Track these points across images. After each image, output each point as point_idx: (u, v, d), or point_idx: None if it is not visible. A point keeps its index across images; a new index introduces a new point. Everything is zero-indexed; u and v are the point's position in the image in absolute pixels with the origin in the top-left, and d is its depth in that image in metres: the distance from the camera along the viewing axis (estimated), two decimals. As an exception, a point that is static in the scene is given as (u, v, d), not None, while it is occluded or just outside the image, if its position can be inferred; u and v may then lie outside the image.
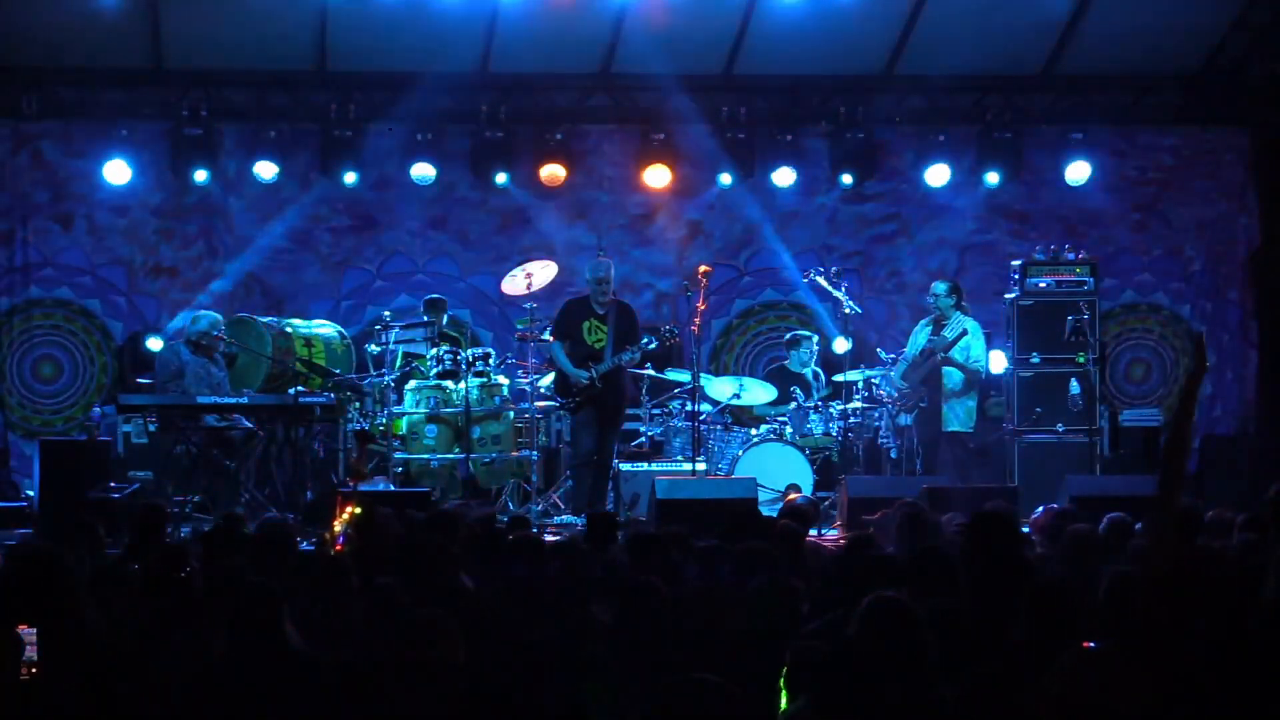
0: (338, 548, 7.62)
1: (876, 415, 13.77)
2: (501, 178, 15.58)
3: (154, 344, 14.93)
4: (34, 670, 5.27)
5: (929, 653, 4.93)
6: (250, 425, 12.53)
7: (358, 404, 13.65)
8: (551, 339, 13.10)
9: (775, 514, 9.98)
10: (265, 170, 15.24)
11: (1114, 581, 5.52)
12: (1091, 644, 4.80)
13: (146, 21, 14.57)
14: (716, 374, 15.03)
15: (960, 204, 16.10)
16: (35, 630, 5.41)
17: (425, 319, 13.92)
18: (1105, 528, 8.46)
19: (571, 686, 5.44)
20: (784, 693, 5.40)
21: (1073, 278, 14.19)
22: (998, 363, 14.18)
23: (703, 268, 13.60)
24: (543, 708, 4.87)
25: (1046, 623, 5.51)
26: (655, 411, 14.07)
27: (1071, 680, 4.54)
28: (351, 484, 7.71)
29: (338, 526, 7.84)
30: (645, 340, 13.00)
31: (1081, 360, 13.90)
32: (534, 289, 13.76)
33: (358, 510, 7.69)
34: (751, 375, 15.23)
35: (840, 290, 13.87)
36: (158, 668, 5.65)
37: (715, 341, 16.19)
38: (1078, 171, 15.78)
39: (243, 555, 7.18)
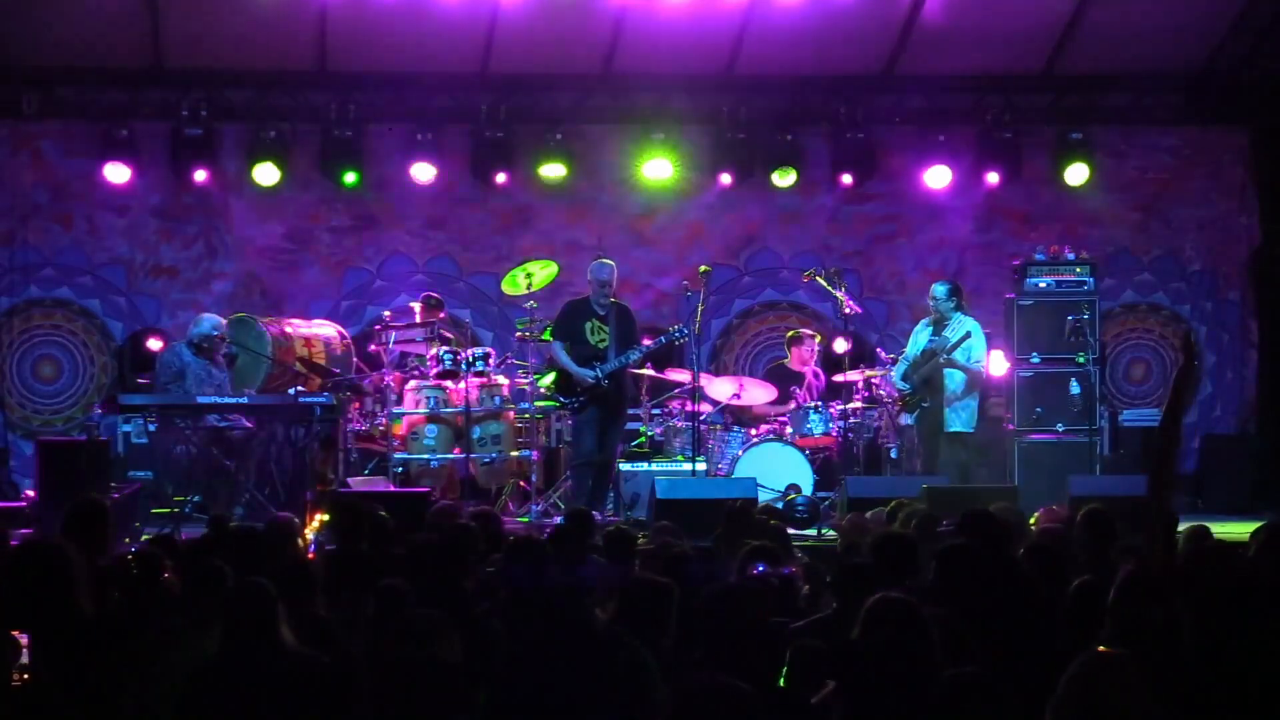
0: (310, 556, 7.61)
1: (876, 415, 13.77)
2: (501, 178, 15.57)
3: (155, 344, 14.94)
4: (26, 676, 5.26)
5: (935, 654, 4.92)
6: (250, 425, 12.53)
7: (358, 404, 13.67)
8: (552, 339, 13.11)
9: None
10: (265, 170, 15.22)
11: (1124, 582, 5.50)
12: (1105, 647, 4.80)
13: (146, 21, 14.56)
14: (716, 374, 15.02)
15: (960, 204, 16.09)
16: (29, 635, 5.40)
17: (421, 318, 13.91)
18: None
19: (572, 687, 5.44)
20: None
21: (1073, 278, 14.19)
22: (998, 365, 14.16)
23: (703, 268, 13.62)
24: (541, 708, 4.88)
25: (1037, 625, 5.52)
26: (655, 411, 14.07)
27: (1088, 683, 4.54)
28: (319, 490, 7.73)
29: (309, 533, 7.83)
30: (653, 342, 13.05)
31: (1081, 360, 13.89)
32: (534, 289, 13.77)
33: (327, 517, 7.68)
34: (751, 375, 15.24)
35: (840, 290, 13.86)
36: (153, 668, 5.65)
37: (715, 341, 16.18)
38: (1077, 171, 15.78)
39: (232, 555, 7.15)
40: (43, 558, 6.03)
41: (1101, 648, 4.75)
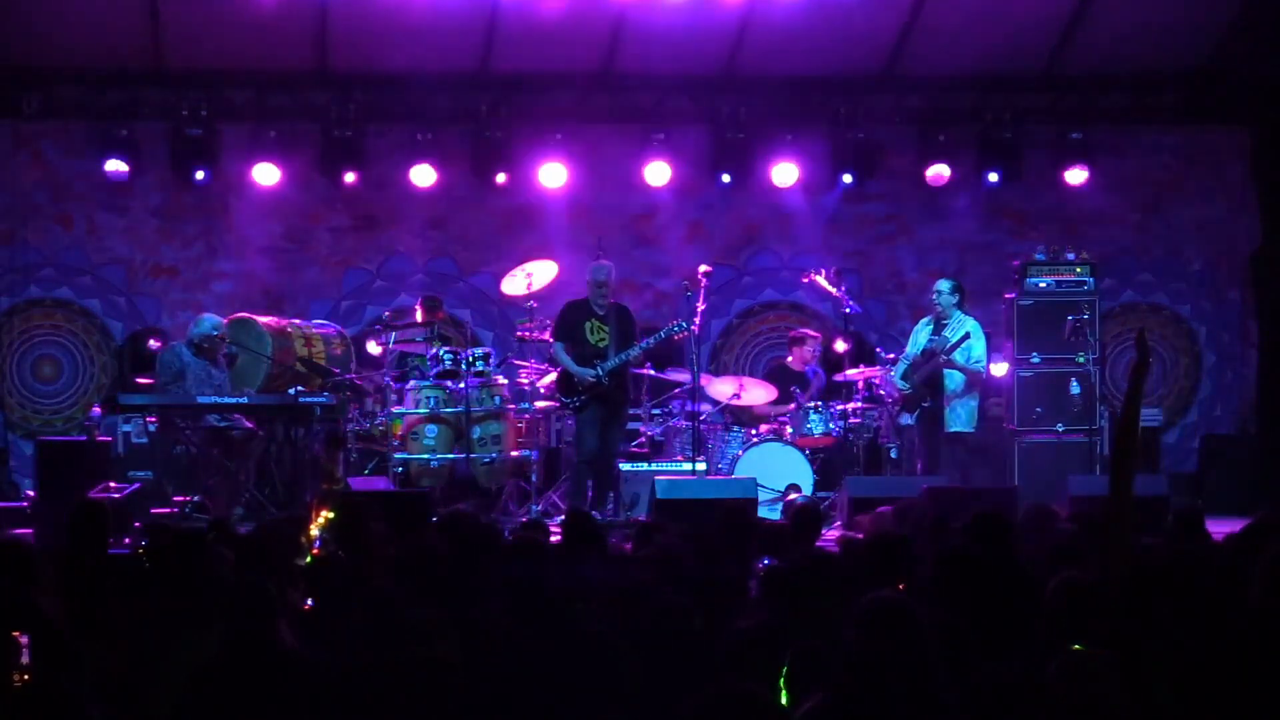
0: (315, 551, 7.64)
1: (876, 415, 13.77)
2: (501, 178, 15.58)
3: (155, 344, 14.95)
4: (26, 676, 5.26)
5: (930, 656, 4.90)
6: (250, 425, 12.53)
7: (357, 404, 13.67)
8: (552, 339, 13.11)
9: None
10: (265, 170, 15.23)
11: (1061, 587, 5.52)
12: (1080, 647, 4.80)
13: (146, 21, 14.57)
14: (716, 374, 15.02)
15: (960, 204, 16.09)
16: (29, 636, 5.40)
17: (421, 319, 13.90)
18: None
19: (568, 691, 5.43)
20: (784, 693, 5.39)
21: (1073, 278, 14.18)
22: (999, 365, 14.15)
23: (703, 268, 13.61)
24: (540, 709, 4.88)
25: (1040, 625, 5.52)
26: (655, 411, 14.06)
27: (1065, 683, 4.54)
28: (325, 488, 7.74)
29: (314, 530, 7.86)
30: (652, 339, 13.04)
31: (1081, 360, 13.89)
32: (534, 289, 13.76)
33: (331, 515, 7.71)
34: (751, 375, 15.24)
35: (840, 290, 13.87)
36: (153, 668, 5.65)
37: (715, 341, 16.19)
38: (1078, 171, 15.79)
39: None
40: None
41: (1077, 647, 4.75)
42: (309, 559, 7.51)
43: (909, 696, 4.76)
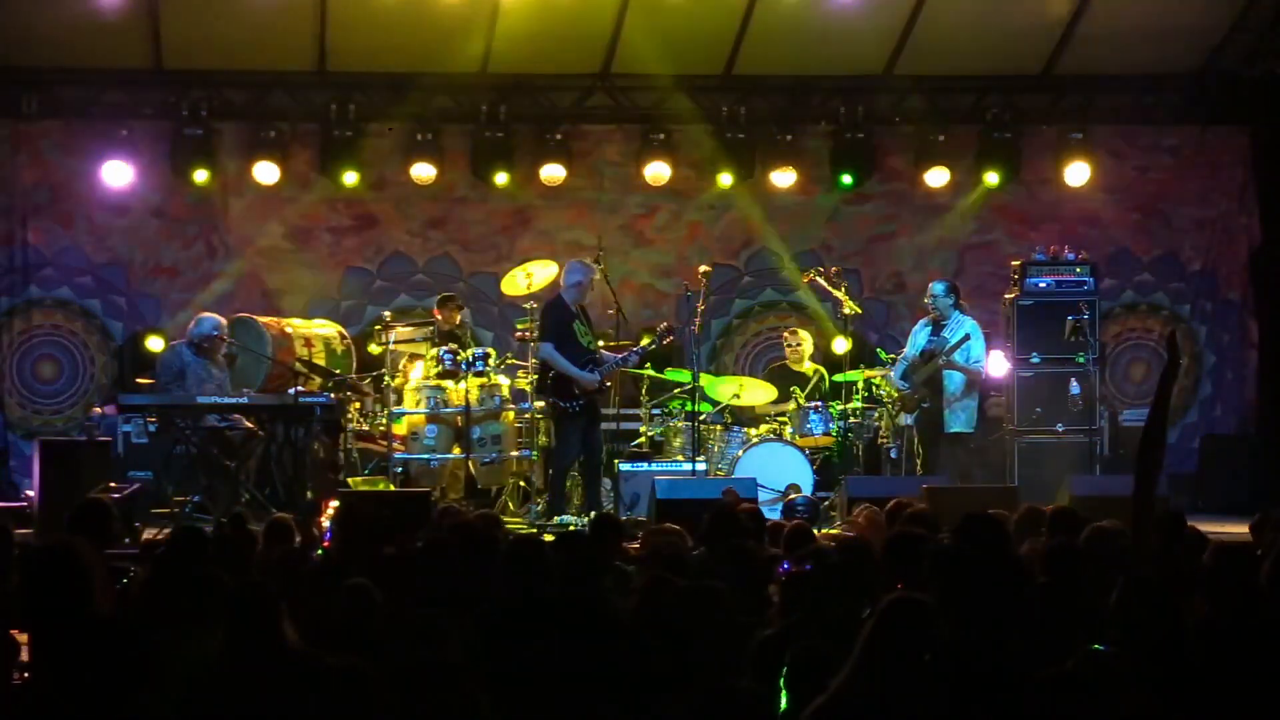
0: (325, 544, 7.65)
1: (876, 415, 13.77)
2: (501, 178, 15.57)
3: (155, 344, 14.95)
4: (26, 675, 5.26)
5: (945, 654, 4.90)
6: (250, 425, 12.53)
7: (358, 404, 13.67)
8: (540, 340, 12.92)
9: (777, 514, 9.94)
10: (265, 170, 15.23)
11: (1128, 585, 5.51)
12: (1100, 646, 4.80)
13: (146, 21, 14.57)
14: (716, 374, 15.01)
15: (960, 204, 16.10)
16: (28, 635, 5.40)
17: (437, 317, 13.87)
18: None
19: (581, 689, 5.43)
20: (784, 693, 5.39)
21: (1073, 278, 14.19)
22: (998, 366, 14.14)
23: (703, 268, 13.60)
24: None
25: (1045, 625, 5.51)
26: (655, 412, 14.05)
27: (1081, 682, 4.54)
28: (329, 477, 7.75)
29: (325, 522, 7.89)
30: (648, 343, 13.01)
31: (1081, 360, 13.90)
32: (534, 289, 13.76)
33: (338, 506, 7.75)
34: (751, 375, 15.24)
35: (840, 290, 13.86)
36: (155, 667, 5.64)
37: (715, 341, 16.18)
38: (1078, 171, 15.78)
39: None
40: (62, 559, 6.02)
41: (1096, 646, 4.75)
42: (319, 551, 7.52)
43: (919, 695, 4.76)
